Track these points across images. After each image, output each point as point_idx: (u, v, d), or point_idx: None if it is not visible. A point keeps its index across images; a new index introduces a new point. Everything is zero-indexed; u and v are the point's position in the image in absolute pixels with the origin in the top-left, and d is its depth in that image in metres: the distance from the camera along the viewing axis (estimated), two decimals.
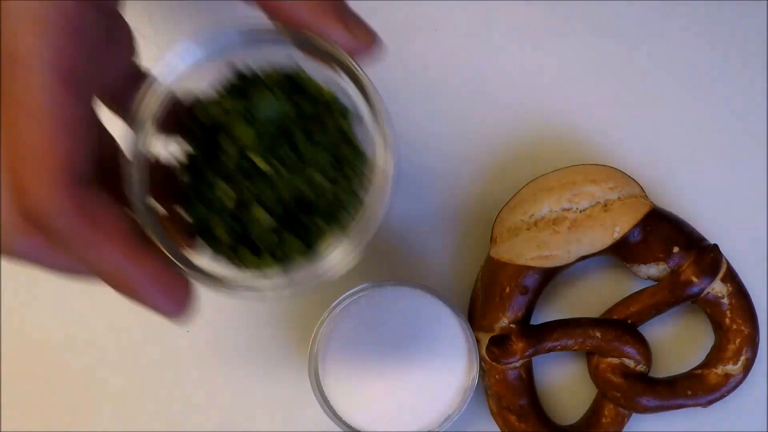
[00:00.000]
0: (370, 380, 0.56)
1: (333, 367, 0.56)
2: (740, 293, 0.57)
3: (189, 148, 0.35)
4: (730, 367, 0.56)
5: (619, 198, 0.56)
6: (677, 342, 0.60)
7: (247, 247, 0.34)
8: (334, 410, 0.56)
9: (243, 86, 0.34)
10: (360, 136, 0.35)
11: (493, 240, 0.57)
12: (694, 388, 0.56)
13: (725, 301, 0.56)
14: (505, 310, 0.56)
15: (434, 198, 0.60)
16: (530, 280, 0.55)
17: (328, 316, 0.56)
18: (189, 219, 0.34)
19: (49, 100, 0.28)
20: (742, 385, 0.57)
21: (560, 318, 0.57)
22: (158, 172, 0.34)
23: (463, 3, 0.60)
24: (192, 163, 0.35)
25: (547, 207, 0.56)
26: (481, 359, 0.56)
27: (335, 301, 0.56)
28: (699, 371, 0.57)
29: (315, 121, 0.34)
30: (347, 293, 0.56)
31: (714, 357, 0.57)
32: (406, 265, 0.60)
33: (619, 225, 0.55)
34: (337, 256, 0.34)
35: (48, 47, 0.28)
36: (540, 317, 0.59)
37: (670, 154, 0.60)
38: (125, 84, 0.34)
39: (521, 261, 0.55)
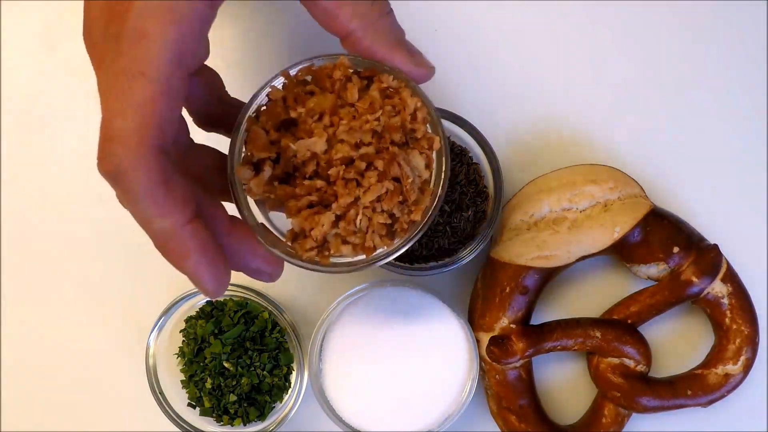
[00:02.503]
0: (370, 380, 0.56)
1: (333, 367, 0.56)
2: (740, 293, 0.57)
3: (187, 353, 0.57)
4: (730, 367, 0.56)
5: (619, 198, 0.56)
6: (677, 342, 0.60)
7: (223, 412, 0.57)
8: (334, 410, 0.56)
9: (212, 312, 0.57)
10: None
11: (493, 240, 0.57)
12: (694, 388, 0.56)
13: (725, 301, 0.56)
14: (505, 310, 0.56)
15: None
16: (530, 280, 0.55)
17: (328, 316, 0.56)
18: None
19: (163, 70, 0.35)
20: (742, 385, 0.57)
21: (560, 318, 0.57)
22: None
23: (463, 3, 0.60)
24: (188, 364, 0.57)
25: (547, 207, 0.56)
26: (481, 359, 0.56)
27: (335, 301, 0.56)
28: (699, 371, 0.57)
29: (259, 335, 0.57)
30: (347, 293, 0.56)
31: (714, 357, 0.57)
32: None
33: (619, 225, 0.55)
34: (278, 416, 0.57)
35: (175, 31, 0.35)
36: (540, 317, 0.59)
37: (670, 154, 0.60)
38: (193, 81, 0.40)
39: (521, 261, 0.55)
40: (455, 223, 0.55)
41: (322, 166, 0.39)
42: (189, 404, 0.58)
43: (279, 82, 0.42)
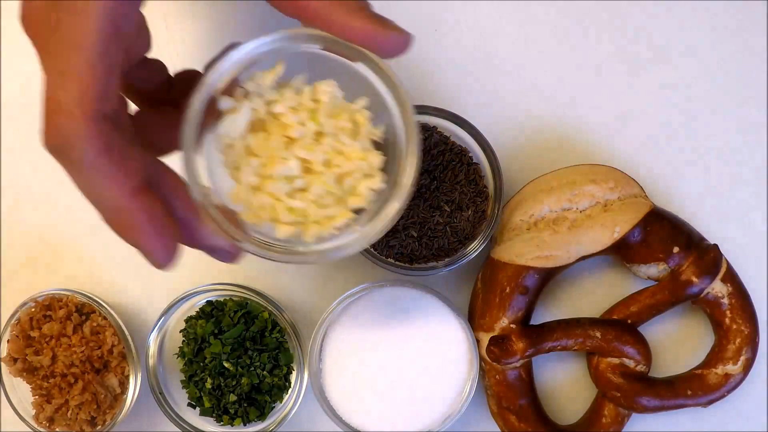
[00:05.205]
0: (370, 380, 0.56)
1: (333, 367, 0.56)
2: (740, 293, 0.57)
3: (187, 353, 0.57)
4: (730, 367, 0.56)
5: (619, 198, 0.56)
6: (677, 342, 0.60)
7: (223, 412, 0.57)
8: (334, 410, 0.56)
9: (213, 312, 0.57)
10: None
11: (493, 240, 0.57)
12: (694, 388, 0.57)
13: (725, 301, 0.56)
14: (505, 310, 0.56)
15: None
16: (530, 280, 0.55)
17: (328, 316, 0.56)
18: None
19: (98, 39, 0.35)
20: (742, 385, 0.57)
21: (560, 318, 0.57)
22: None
23: (463, 3, 0.60)
24: (188, 364, 0.57)
25: (547, 207, 0.56)
26: (481, 359, 0.56)
27: (335, 301, 0.56)
28: (699, 371, 0.57)
29: (259, 335, 0.57)
30: (347, 293, 0.56)
31: (714, 357, 0.57)
32: None
33: (619, 225, 0.55)
34: (278, 416, 0.57)
35: (107, 5, 0.35)
36: (540, 317, 0.59)
37: (670, 154, 0.60)
38: (138, 68, 0.40)
39: (521, 261, 0.55)
40: (455, 223, 0.55)
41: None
42: (189, 404, 0.58)
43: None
